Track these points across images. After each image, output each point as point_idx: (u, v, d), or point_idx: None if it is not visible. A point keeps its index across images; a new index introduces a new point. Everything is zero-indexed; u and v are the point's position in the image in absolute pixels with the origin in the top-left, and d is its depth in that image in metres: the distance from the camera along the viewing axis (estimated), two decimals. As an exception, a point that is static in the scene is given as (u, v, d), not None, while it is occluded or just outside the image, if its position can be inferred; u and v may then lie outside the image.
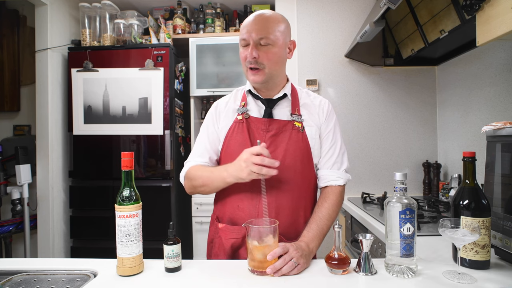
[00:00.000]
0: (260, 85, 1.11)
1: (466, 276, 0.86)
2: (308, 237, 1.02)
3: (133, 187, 0.92)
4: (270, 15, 1.08)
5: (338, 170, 1.16)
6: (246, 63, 1.08)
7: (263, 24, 1.05)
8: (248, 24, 1.06)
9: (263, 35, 1.04)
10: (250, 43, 1.05)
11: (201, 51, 2.54)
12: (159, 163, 2.37)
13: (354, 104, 2.44)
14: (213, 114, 1.21)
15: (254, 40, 1.04)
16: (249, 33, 1.04)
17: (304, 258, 0.94)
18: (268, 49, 1.05)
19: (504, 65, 1.66)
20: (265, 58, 1.05)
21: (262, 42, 1.04)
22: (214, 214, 1.21)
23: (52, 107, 2.40)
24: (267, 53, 1.05)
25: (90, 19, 2.48)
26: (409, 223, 0.86)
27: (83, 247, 2.43)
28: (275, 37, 1.05)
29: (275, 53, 1.06)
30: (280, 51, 1.08)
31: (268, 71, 1.07)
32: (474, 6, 1.18)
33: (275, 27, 1.06)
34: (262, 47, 1.05)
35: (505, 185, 0.95)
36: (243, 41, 1.07)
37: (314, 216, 1.09)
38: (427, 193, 2.27)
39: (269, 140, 1.10)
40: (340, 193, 1.15)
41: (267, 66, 1.06)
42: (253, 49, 1.04)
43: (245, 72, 1.11)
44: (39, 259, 1.68)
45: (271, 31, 1.05)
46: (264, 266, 0.90)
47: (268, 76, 1.08)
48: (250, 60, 1.05)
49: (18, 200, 2.46)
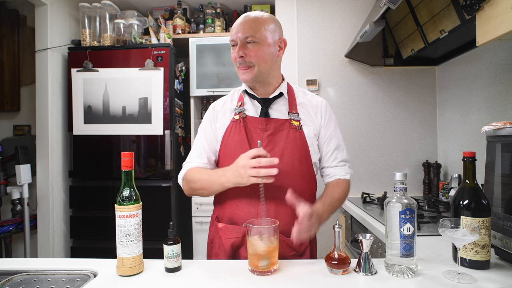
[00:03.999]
0: (252, 84, 1.13)
1: (466, 276, 0.86)
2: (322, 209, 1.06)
3: (133, 187, 0.92)
4: (256, 15, 1.11)
5: (345, 167, 1.21)
6: (236, 63, 1.11)
7: (248, 24, 1.08)
8: (236, 25, 1.10)
9: (249, 34, 1.07)
10: (238, 43, 1.08)
11: (201, 51, 2.54)
12: (159, 163, 2.37)
13: (354, 104, 2.44)
14: (211, 115, 1.22)
15: (241, 40, 1.07)
16: (236, 34, 1.08)
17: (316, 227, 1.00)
18: (254, 46, 1.07)
19: (504, 65, 1.66)
20: (253, 56, 1.07)
21: (249, 40, 1.07)
22: (213, 214, 1.21)
23: (52, 107, 2.40)
24: (254, 51, 1.07)
25: (90, 19, 2.48)
26: (409, 223, 0.86)
27: (83, 247, 2.43)
28: (261, 35, 1.08)
29: (263, 51, 1.08)
30: (269, 49, 1.10)
31: (257, 69, 1.09)
32: (474, 6, 1.18)
33: (261, 26, 1.08)
34: (249, 45, 1.07)
35: (505, 185, 0.95)
36: (232, 42, 1.11)
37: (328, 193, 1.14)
38: (427, 193, 2.27)
39: (266, 139, 1.10)
40: (349, 185, 1.21)
41: (256, 63, 1.08)
42: (240, 48, 1.08)
43: (237, 72, 1.14)
44: (39, 259, 1.69)
45: (256, 29, 1.07)
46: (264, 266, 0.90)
47: (258, 74, 1.09)
48: (238, 59, 1.08)
49: (18, 200, 2.46)
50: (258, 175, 0.94)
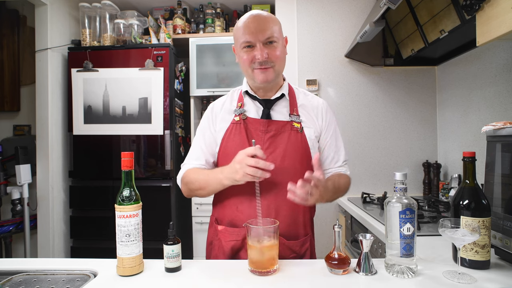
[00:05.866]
0: (267, 85, 1.10)
1: (466, 276, 0.86)
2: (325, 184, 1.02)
3: (133, 187, 0.92)
4: (267, 14, 1.09)
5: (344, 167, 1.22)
6: (253, 65, 1.07)
7: (265, 24, 1.05)
8: (250, 26, 1.05)
9: (269, 35, 1.04)
10: (257, 45, 1.04)
11: (201, 51, 2.54)
12: (159, 163, 2.37)
13: (354, 104, 2.44)
14: (209, 116, 1.20)
15: (262, 41, 1.04)
16: (254, 34, 1.04)
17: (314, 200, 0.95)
18: (274, 47, 1.06)
19: (504, 65, 1.66)
20: (273, 56, 1.06)
21: (270, 40, 1.05)
22: (212, 216, 1.20)
23: (52, 107, 2.40)
24: (276, 51, 1.06)
25: (90, 19, 2.48)
26: (409, 223, 0.86)
27: (83, 247, 2.43)
28: (278, 35, 1.07)
29: (280, 51, 1.08)
30: (283, 48, 1.10)
31: (277, 69, 1.08)
32: (474, 6, 1.18)
33: (276, 25, 1.08)
34: (270, 46, 1.06)
35: (505, 185, 0.95)
36: (246, 43, 1.06)
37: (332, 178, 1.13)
38: (427, 193, 2.27)
39: (268, 141, 1.09)
40: (350, 180, 1.22)
41: (276, 64, 1.07)
42: (263, 49, 1.04)
43: (250, 73, 1.09)
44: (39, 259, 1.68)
45: (274, 29, 1.06)
46: (264, 266, 0.90)
47: (276, 74, 1.09)
48: (261, 61, 1.04)
49: (18, 200, 2.45)
50: (254, 175, 0.94)
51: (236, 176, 0.97)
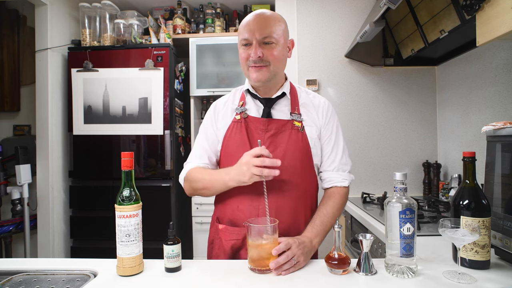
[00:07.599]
0: (262, 84, 1.10)
1: (466, 276, 0.86)
2: (312, 233, 1.02)
3: (133, 187, 0.92)
4: (271, 14, 1.08)
5: (343, 172, 1.17)
6: (248, 63, 1.07)
7: (265, 23, 1.05)
8: (250, 23, 1.06)
9: (266, 34, 1.04)
10: (253, 43, 1.04)
11: (201, 51, 2.54)
12: (159, 163, 2.37)
13: (354, 104, 2.44)
14: (212, 114, 1.20)
15: (258, 39, 1.04)
16: (252, 33, 1.04)
17: (304, 256, 0.94)
18: (271, 47, 1.05)
19: (504, 65, 1.66)
20: (269, 56, 1.05)
21: (266, 40, 1.04)
22: (214, 215, 1.20)
23: (52, 107, 2.40)
24: (271, 51, 1.05)
25: (90, 19, 2.48)
26: (409, 223, 0.86)
27: (83, 247, 2.43)
28: (278, 36, 1.06)
29: (278, 52, 1.06)
30: (283, 50, 1.09)
31: (272, 69, 1.07)
32: (474, 6, 1.18)
33: (277, 26, 1.06)
34: (266, 46, 1.05)
35: (505, 185, 0.95)
36: (244, 40, 1.07)
37: (319, 213, 1.09)
38: (427, 193, 2.27)
39: (268, 140, 1.09)
40: (345, 194, 1.16)
41: (272, 63, 1.06)
42: (257, 48, 1.04)
43: (246, 71, 1.10)
44: (39, 259, 1.69)
45: (273, 30, 1.05)
46: (264, 264, 0.90)
47: (272, 74, 1.08)
48: (254, 59, 1.04)
49: (18, 200, 2.45)
50: (261, 174, 0.93)
51: (243, 178, 0.97)
